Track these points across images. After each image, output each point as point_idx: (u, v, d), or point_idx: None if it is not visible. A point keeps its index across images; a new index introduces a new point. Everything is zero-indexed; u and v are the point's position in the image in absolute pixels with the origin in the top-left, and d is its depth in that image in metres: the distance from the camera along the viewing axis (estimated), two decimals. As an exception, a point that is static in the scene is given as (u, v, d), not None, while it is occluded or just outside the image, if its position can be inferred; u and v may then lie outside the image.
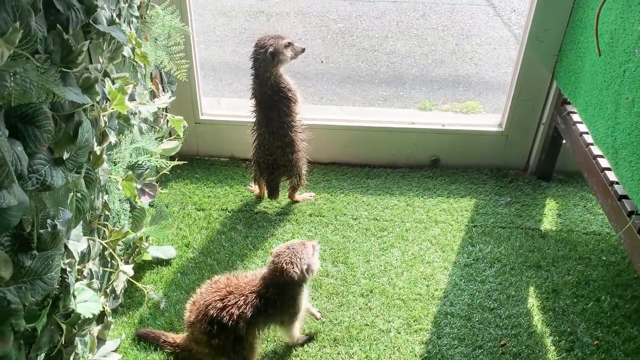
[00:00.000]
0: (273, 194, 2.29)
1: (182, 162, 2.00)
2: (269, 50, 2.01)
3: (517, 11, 4.48)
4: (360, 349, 1.70)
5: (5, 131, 1.05)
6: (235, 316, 1.50)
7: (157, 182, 2.01)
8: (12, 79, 1.04)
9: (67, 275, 1.31)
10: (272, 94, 2.08)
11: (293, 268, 1.52)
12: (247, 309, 1.51)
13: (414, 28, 4.22)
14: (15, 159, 1.07)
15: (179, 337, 1.68)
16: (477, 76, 3.60)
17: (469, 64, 3.73)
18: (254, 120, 2.18)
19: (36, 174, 1.17)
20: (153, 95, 2.08)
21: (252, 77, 2.09)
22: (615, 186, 1.75)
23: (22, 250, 1.14)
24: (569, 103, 2.16)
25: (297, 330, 1.67)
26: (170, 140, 1.99)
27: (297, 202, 2.33)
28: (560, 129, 2.23)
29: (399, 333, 1.75)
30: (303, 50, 2.12)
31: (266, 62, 2.03)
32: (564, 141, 2.23)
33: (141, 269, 1.94)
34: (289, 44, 2.06)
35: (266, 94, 2.08)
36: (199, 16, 4.07)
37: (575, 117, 2.09)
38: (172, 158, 2.03)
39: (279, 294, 1.55)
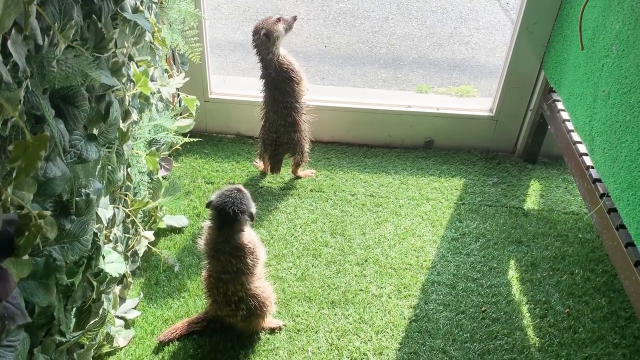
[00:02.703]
0: (274, 169, 2.45)
1: (196, 139, 2.15)
2: (262, 32, 2.16)
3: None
4: (355, 311, 1.89)
5: (52, 111, 1.20)
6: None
7: (170, 157, 2.17)
8: (57, 65, 1.19)
9: (98, 239, 1.48)
10: (276, 74, 2.23)
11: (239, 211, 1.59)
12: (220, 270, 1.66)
13: (414, 10, 4.31)
14: (59, 135, 1.22)
15: (196, 318, 1.81)
16: (473, 60, 3.73)
17: (465, 48, 3.86)
18: (262, 99, 2.33)
19: (74, 148, 1.32)
20: (167, 75, 2.22)
21: (259, 62, 2.24)
22: (591, 170, 1.92)
23: (63, 215, 1.30)
24: (554, 92, 2.31)
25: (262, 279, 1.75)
26: (183, 118, 2.14)
27: (299, 177, 2.50)
28: (546, 116, 2.39)
29: (390, 298, 1.94)
30: (295, 18, 2.24)
31: (264, 44, 2.18)
32: (549, 127, 2.39)
33: (156, 236, 2.10)
34: (279, 19, 2.20)
35: (270, 75, 2.23)
36: (205, -6, 4.17)
37: (560, 105, 2.25)
38: (184, 135, 2.18)
39: (227, 241, 1.62)
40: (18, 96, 0.95)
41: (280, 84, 2.24)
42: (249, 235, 1.67)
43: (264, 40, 2.17)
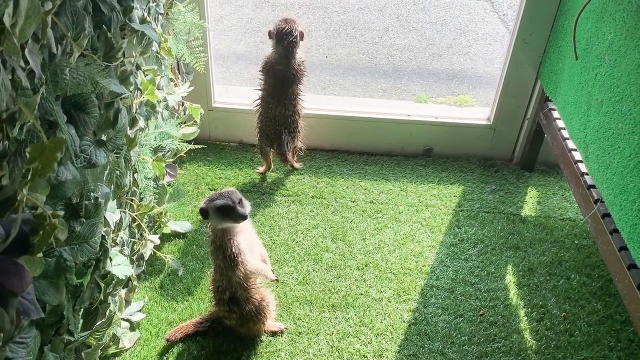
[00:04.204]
0: (287, 159, 2.51)
1: (200, 146, 2.21)
2: (300, 31, 2.31)
3: (512, 8, 4.65)
4: (355, 315, 1.93)
5: (64, 117, 1.25)
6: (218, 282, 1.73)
7: (175, 164, 2.22)
8: (69, 73, 1.24)
9: (106, 241, 1.52)
10: (293, 69, 2.36)
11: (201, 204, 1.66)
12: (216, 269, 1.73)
13: (414, 22, 4.39)
14: (70, 140, 1.27)
15: (200, 319, 1.85)
16: (471, 70, 3.79)
17: (464, 59, 3.92)
18: (261, 96, 2.43)
19: (84, 153, 1.37)
20: (173, 84, 2.28)
21: (278, 58, 2.34)
22: (586, 177, 1.96)
23: (73, 218, 1.35)
24: (550, 100, 2.37)
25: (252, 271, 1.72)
26: (188, 126, 2.19)
27: (294, 168, 2.61)
28: (542, 124, 2.44)
29: (390, 302, 1.98)
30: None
31: (296, 42, 2.32)
32: (545, 135, 2.44)
33: (161, 241, 2.14)
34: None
35: (291, 69, 2.36)
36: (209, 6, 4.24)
37: (555, 114, 2.30)
38: (188, 142, 2.23)
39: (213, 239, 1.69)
40: (35, 101, 1.00)
41: (293, 77, 2.37)
42: (224, 235, 1.66)
43: (297, 40, 2.32)
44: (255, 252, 1.78)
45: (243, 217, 1.62)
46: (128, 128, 1.69)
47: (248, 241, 1.74)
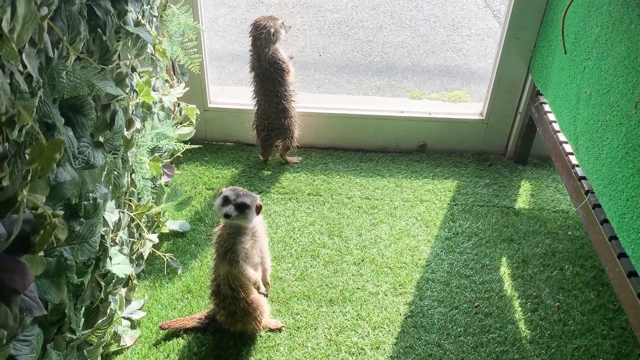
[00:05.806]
0: (265, 153, 2.64)
1: (196, 146, 2.24)
2: (270, 30, 2.35)
3: (504, 3, 4.67)
4: (353, 309, 1.96)
5: (62, 119, 1.28)
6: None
7: (172, 164, 2.25)
8: (66, 76, 1.27)
9: (105, 241, 1.55)
10: (268, 66, 2.43)
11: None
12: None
13: (407, 19, 4.41)
14: (69, 142, 1.30)
15: (199, 315, 1.88)
16: (465, 66, 3.82)
17: (458, 55, 3.95)
18: (253, 90, 2.52)
19: (82, 155, 1.40)
20: (168, 85, 2.31)
21: (251, 53, 2.44)
22: (576, 168, 2.00)
23: (72, 218, 1.38)
24: (541, 94, 2.40)
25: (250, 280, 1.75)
26: (184, 126, 2.22)
27: (286, 162, 2.68)
28: (534, 118, 2.47)
29: (386, 295, 2.01)
30: (290, 27, 2.50)
31: (267, 40, 2.37)
32: (537, 129, 2.47)
33: (160, 240, 2.17)
34: (282, 23, 2.42)
35: (263, 67, 2.43)
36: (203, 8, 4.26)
37: (547, 107, 2.33)
38: (185, 142, 2.26)
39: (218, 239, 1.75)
40: (34, 104, 1.03)
41: (271, 75, 2.44)
42: (233, 229, 1.73)
43: (269, 38, 2.36)
44: (255, 259, 1.78)
45: (225, 215, 1.68)
46: (125, 129, 1.72)
47: (256, 246, 1.77)
